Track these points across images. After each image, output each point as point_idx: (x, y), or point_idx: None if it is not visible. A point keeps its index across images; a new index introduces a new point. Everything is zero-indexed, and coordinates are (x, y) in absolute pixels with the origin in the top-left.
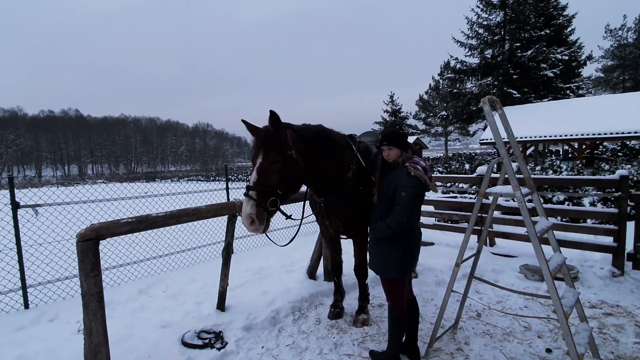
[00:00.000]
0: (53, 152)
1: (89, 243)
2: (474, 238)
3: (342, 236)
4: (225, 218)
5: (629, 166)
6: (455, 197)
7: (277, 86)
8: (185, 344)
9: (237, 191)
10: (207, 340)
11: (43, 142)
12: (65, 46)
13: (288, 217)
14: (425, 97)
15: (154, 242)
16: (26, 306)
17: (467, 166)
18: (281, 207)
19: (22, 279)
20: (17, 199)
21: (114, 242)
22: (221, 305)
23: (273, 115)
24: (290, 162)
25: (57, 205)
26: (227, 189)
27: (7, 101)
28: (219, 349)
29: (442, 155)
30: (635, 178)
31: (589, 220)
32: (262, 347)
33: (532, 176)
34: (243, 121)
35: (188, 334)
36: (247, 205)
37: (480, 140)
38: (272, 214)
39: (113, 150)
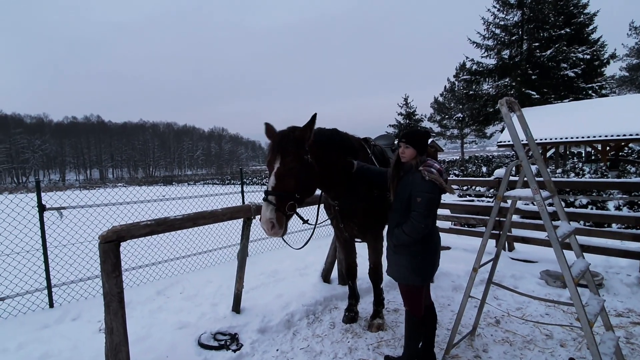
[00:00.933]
0: (76, 156)
1: (111, 245)
2: (491, 243)
3: (356, 240)
4: (240, 221)
5: None
6: (472, 200)
7: (289, 90)
8: (202, 345)
9: (252, 194)
10: (222, 342)
11: (67, 147)
12: (86, 55)
13: (305, 221)
14: (441, 99)
15: (171, 244)
16: (51, 305)
17: (484, 169)
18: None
19: (48, 278)
20: (43, 202)
21: (134, 243)
22: (236, 308)
23: (314, 119)
24: (306, 166)
25: (80, 208)
26: (242, 192)
27: (34, 108)
28: (234, 351)
29: (458, 158)
30: None
31: (614, 225)
32: (277, 350)
33: (553, 179)
34: (266, 124)
35: (204, 335)
36: (266, 210)
37: (498, 142)
38: (290, 218)
39: (132, 154)
